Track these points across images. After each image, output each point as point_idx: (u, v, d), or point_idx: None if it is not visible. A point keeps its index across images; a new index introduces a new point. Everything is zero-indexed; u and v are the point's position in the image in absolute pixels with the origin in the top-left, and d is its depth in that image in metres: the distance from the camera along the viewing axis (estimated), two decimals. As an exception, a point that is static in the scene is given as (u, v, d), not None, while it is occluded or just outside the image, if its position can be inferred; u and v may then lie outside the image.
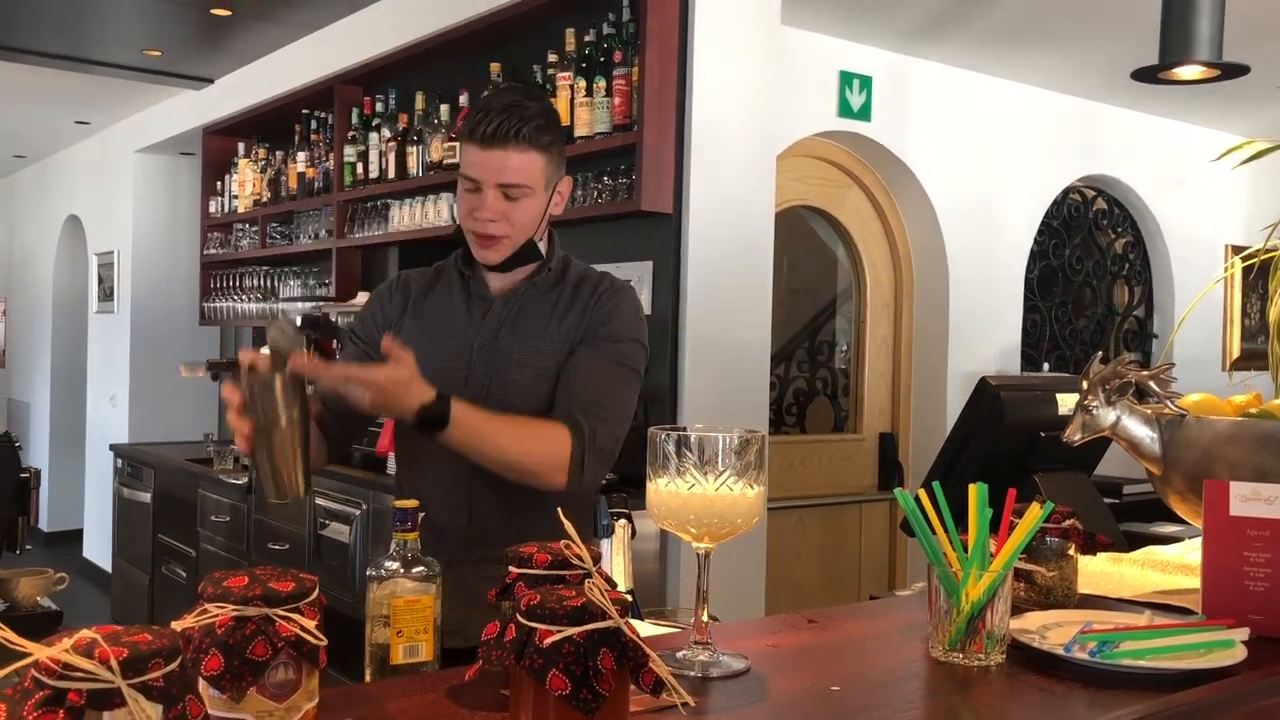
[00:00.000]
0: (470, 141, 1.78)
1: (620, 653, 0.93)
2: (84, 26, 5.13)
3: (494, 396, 1.80)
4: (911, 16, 4.38)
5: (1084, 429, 1.62)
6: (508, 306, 1.87)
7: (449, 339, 1.87)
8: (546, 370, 1.83)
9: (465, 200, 1.82)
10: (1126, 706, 1.13)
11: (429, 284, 1.96)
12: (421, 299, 1.94)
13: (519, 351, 1.84)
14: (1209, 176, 5.94)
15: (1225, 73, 2.40)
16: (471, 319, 1.88)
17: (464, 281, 1.92)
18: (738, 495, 1.18)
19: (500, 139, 1.75)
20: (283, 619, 0.96)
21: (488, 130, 1.75)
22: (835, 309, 5.08)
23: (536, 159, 1.78)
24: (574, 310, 1.87)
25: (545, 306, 1.87)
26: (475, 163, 1.78)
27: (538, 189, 1.80)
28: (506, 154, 1.76)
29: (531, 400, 1.81)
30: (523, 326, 1.86)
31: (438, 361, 1.81)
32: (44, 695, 0.73)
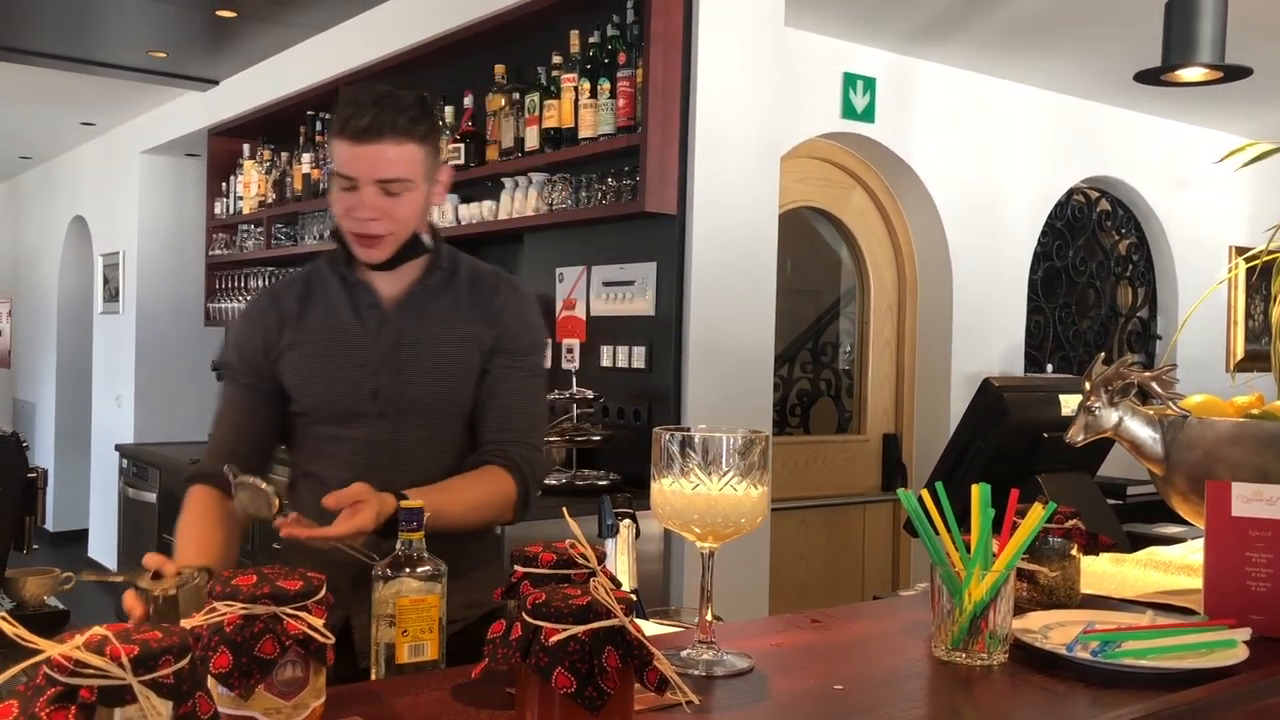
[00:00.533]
0: (343, 138, 1.69)
1: (625, 651, 0.94)
2: (89, 28, 5.14)
3: (404, 404, 1.78)
4: (915, 18, 4.38)
5: (1086, 430, 1.63)
6: (404, 312, 1.81)
7: (348, 352, 1.80)
8: (454, 371, 1.81)
9: (341, 199, 1.73)
10: (1128, 706, 1.13)
11: (303, 295, 1.85)
12: (301, 313, 1.83)
13: (425, 357, 1.79)
14: (1213, 177, 5.94)
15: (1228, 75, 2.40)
16: (367, 328, 1.80)
17: (347, 289, 1.82)
18: (741, 495, 1.18)
19: (375, 133, 1.67)
20: (290, 617, 0.97)
21: (361, 125, 1.67)
22: (839, 310, 5.09)
23: (415, 151, 1.71)
24: (475, 311, 1.84)
25: (443, 308, 1.83)
26: (350, 159, 1.69)
27: (418, 181, 1.73)
28: (382, 148, 1.68)
29: (443, 401, 1.81)
30: (424, 331, 1.81)
31: (339, 376, 1.78)
32: (56, 691, 0.73)
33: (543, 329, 1.95)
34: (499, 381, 1.83)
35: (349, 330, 1.81)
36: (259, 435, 1.85)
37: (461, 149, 3.98)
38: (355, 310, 1.81)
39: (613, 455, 3.49)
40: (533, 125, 3.65)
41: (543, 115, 3.61)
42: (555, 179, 3.68)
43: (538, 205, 3.72)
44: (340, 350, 1.80)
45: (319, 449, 1.83)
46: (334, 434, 1.81)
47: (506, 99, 3.82)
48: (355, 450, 1.79)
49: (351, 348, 1.80)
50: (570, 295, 3.78)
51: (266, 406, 1.84)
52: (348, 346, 1.80)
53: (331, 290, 1.83)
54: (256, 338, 1.83)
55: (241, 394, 1.84)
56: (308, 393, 1.81)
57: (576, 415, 3.44)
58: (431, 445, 1.81)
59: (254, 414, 1.84)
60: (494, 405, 1.83)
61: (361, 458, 1.78)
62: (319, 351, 1.80)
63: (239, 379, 1.84)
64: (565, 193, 3.63)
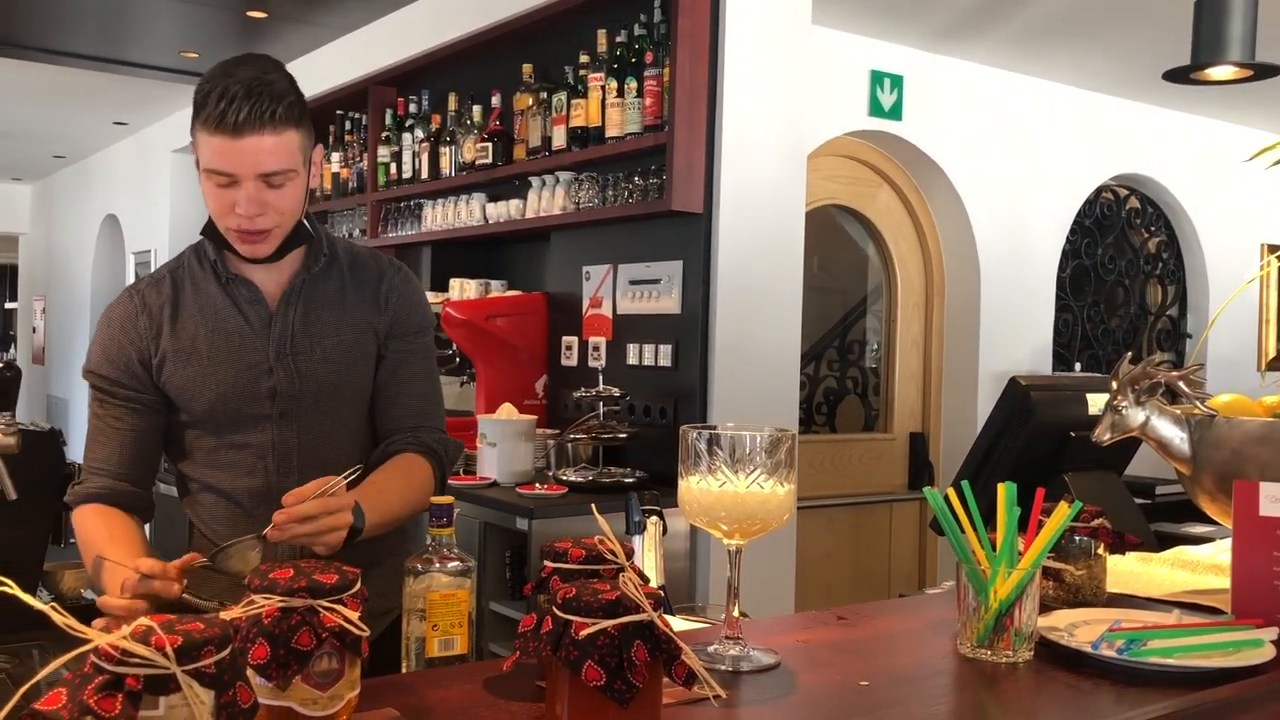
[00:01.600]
0: (218, 132, 1.55)
1: (654, 645, 0.95)
2: (122, 29, 5.21)
3: (305, 398, 1.72)
4: (942, 15, 4.38)
5: (1113, 429, 1.63)
6: (291, 305, 1.72)
7: (239, 353, 1.70)
8: (351, 360, 1.75)
9: (220, 196, 1.60)
10: (1154, 703, 1.14)
11: (173, 297, 1.72)
12: (174, 316, 1.71)
13: (318, 348, 1.73)
14: (1244, 175, 5.89)
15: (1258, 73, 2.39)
16: (254, 326, 1.71)
17: (224, 286, 1.72)
18: (768, 493, 1.19)
19: (254, 125, 1.55)
20: (326, 610, 0.99)
21: (239, 118, 1.54)
22: (866, 308, 5.08)
23: (294, 137, 1.60)
24: (361, 295, 1.78)
25: (329, 295, 1.75)
26: (227, 154, 1.56)
27: (299, 169, 1.63)
28: (262, 139, 1.56)
29: (344, 391, 1.75)
30: (314, 323, 1.73)
31: (234, 378, 1.69)
32: (103, 680, 0.76)
33: (429, 306, 1.90)
34: (398, 366, 1.80)
35: (234, 330, 1.71)
36: (147, 455, 1.73)
37: (489, 148, 4.01)
38: (237, 308, 1.71)
39: (639, 453, 3.51)
40: (560, 124, 3.67)
41: (570, 114, 3.62)
42: (582, 178, 3.70)
43: (565, 204, 3.74)
44: (228, 352, 1.70)
45: (218, 459, 1.73)
46: (233, 441, 1.72)
47: (534, 98, 3.84)
48: (260, 456, 1.72)
49: (240, 348, 1.70)
50: (597, 293, 3.80)
51: (149, 420, 1.71)
52: (236, 348, 1.70)
53: (207, 289, 1.72)
54: (128, 347, 1.69)
55: (121, 412, 1.70)
56: (197, 401, 1.70)
57: (603, 413, 3.46)
58: (338, 439, 1.76)
59: (136, 431, 1.70)
60: (396, 390, 1.80)
61: (269, 462, 1.72)
62: (204, 356, 1.69)
63: (113, 394, 1.70)
64: (592, 191, 3.65)
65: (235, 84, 1.55)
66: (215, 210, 1.63)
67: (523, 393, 3.95)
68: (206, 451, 1.74)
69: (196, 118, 1.58)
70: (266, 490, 1.70)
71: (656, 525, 1.67)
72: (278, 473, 1.71)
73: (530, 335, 4.00)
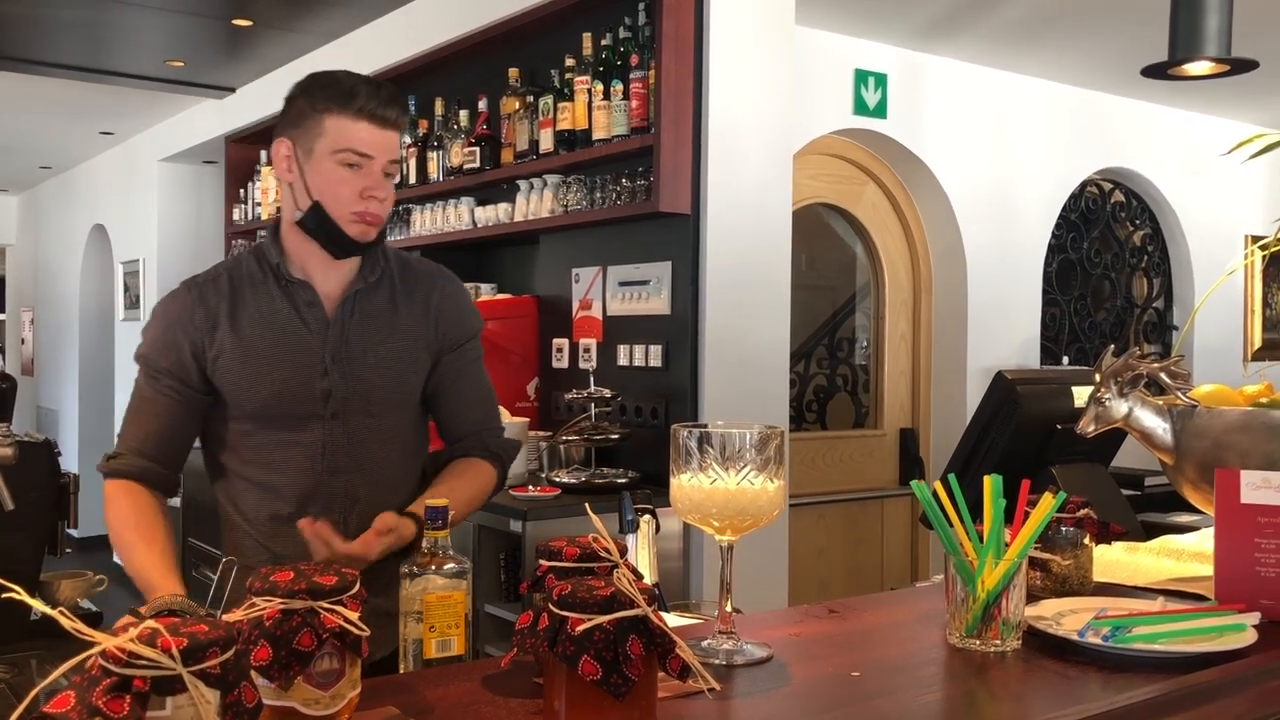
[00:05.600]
0: (368, 119, 1.71)
1: (648, 639, 0.97)
2: (107, 39, 5.21)
3: (355, 401, 1.79)
4: (925, 13, 4.40)
5: (1097, 421, 1.65)
6: (347, 309, 1.80)
7: (296, 353, 1.77)
8: (401, 366, 1.83)
9: (351, 180, 1.72)
10: (1140, 688, 1.16)
11: (231, 295, 1.79)
12: (235, 313, 1.78)
13: (373, 354, 1.80)
14: (1227, 166, 5.93)
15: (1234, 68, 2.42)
16: (311, 328, 1.78)
17: (284, 287, 1.79)
18: (759, 489, 1.22)
19: (395, 121, 1.74)
20: (327, 611, 1.00)
21: (392, 115, 1.73)
22: (854, 305, 5.11)
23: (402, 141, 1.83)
24: (413, 305, 1.86)
25: (382, 303, 1.84)
26: (371, 139, 1.72)
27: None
28: (395, 134, 1.75)
29: (393, 396, 1.83)
30: (370, 328, 1.81)
31: (288, 379, 1.75)
32: (111, 682, 0.77)
33: (477, 311, 2.00)
34: (457, 376, 1.89)
35: (292, 330, 1.77)
36: (182, 441, 1.81)
37: (477, 152, 4.02)
38: (296, 309, 1.78)
39: (631, 453, 3.53)
40: (547, 127, 3.69)
41: (557, 117, 3.64)
42: (570, 180, 3.72)
43: (553, 207, 3.76)
44: (285, 352, 1.76)
45: (268, 456, 1.79)
46: (284, 439, 1.78)
47: (521, 102, 3.86)
48: (310, 454, 1.78)
49: (297, 349, 1.77)
50: (586, 295, 3.82)
51: (188, 412, 1.79)
52: (293, 348, 1.77)
53: (266, 290, 1.79)
54: (182, 339, 1.76)
55: (164, 398, 1.77)
56: (252, 397, 1.76)
57: (594, 414, 3.48)
58: (384, 441, 1.83)
59: (174, 418, 1.78)
60: (455, 397, 1.90)
61: (319, 461, 1.78)
62: (261, 354, 1.76)
63: (159, 380, 1.77)
64: (580, 194, 3.67)
65: (383, 86, 1.74)
66: (338, 194, 1.72)
67: (514, 396, 3.96)
68: (255, 448, 1.79)
69: (334, 104, 1.70)
70: (314, 488, 1.78)
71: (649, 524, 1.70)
72: (326, 471, 1.78)
73: (521, 338, 4.02)
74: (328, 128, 1.71)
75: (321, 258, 1.78)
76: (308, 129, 1.73)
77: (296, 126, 1.74)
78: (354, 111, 1.71)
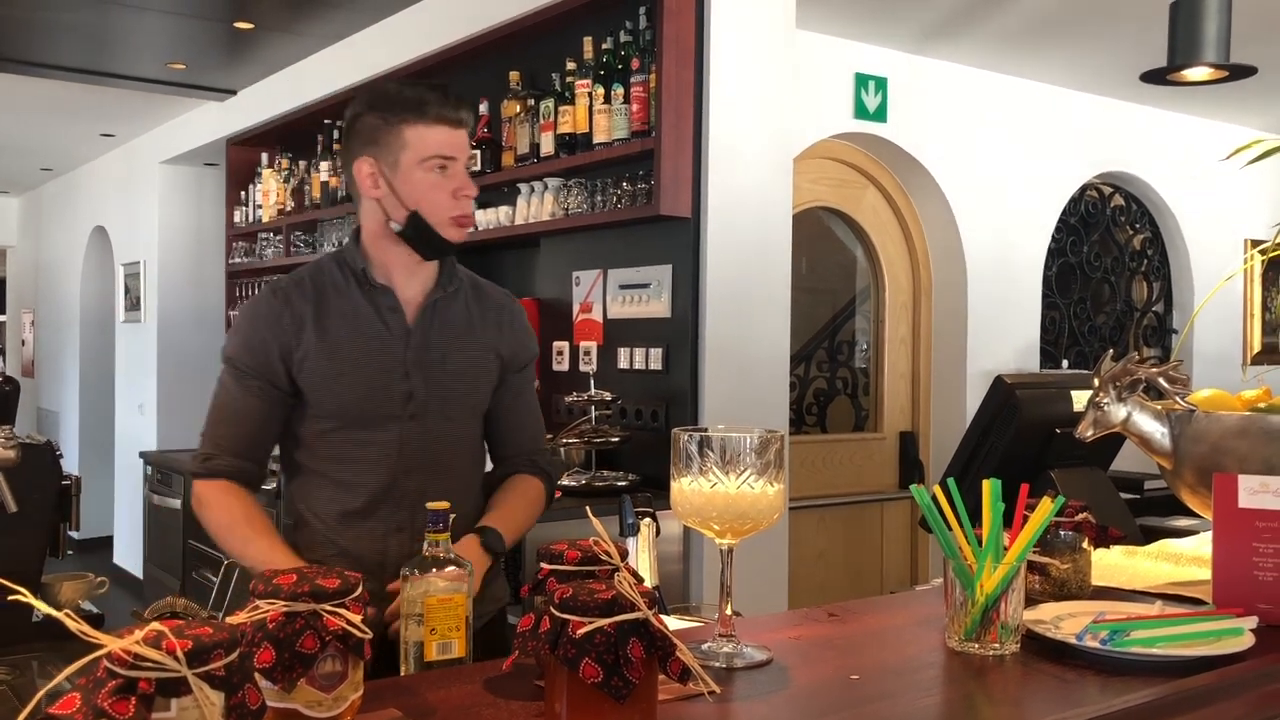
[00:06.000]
0: (444, 123, 1.79)
1: (649, 642, 0.98)
2: (108, 41, 5.21)
3: (433, 404, 1.85)
4: (925, 17, 4.41)
5: (1096, 425, 1.66)
6: (427, 316, 1.87)
7: (379, 355, 1.83)
8: (477, 377, 1.91)
9: (442, 183, 1.80)
10: (1137, 691, 1.17)
11: (316, 299, 1.85)
12: (320, 315, 1.84)
13: (451, 361, 1.87)
14: (1227, 171, 5.94)
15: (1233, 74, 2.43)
16: (393, 332, 1.85)
17: (367, 293, 1.85)
18: (759, 493, 1.22)
19: (465, 121, 1.82)
20: (329, 614, 1.01)
21: (459, 115, 1.81)
22: (854, 309, 5.12)
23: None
24: (489, 321, 1.94)
25: (459, 314, 1.91)
26: (451, 141, 1.80)
27: None
28: (465, 134, 1.83)
29: (467, 402, 1.91)
30: (448, 336, 1.88)
31: (372, 381, 1.82)
32: (117, 684, 0.78)
33: (535, 337, 2.10)
34: (515, 396, 1.99)
35: (374, 335, 1.84)
36: (268, 439, 1.88)
37: (477, 155, 4.03)
38: (378, 313, 1.85)
39: (631, 456, 3.53)
40: (548, 131, 3.69)
41: (557, 121, 3.65)
42: (570, 184, 3.73)
43: (553, 210, 3.77)
44: (369, 355, 1.82)
45: (345, 454, 1.84)
46: (363, 438, 1.83)
47: (521, 105, 3.87)
48: (387, 453, 1.83)
49: (381, 352, 1.83)
50: (587, 298, 3.83)
51: (274, 412, 1.85)
52: (377, 351, 1.83)
53: (350, 295, 1.85)
54: (270, 341, 1.82)
55: (252, 399, 1.83)
56: (335, 397, 1.81)
57: (595, 417, 3.48)
58: (456, 445, 1.90)
59: (263, 416, 1.84)
60: (512, 417, 1.99)
61: (395, 460, 1.84)
62: (346, 356, 1.82)
63: (247, 381, 1.83)
64: (580, 197, 3.68)
65: (444, 90, 1.81)
66: (434, 200, 1.80)
67: (515, 398, 3.96)
68: (333, 446, 1.85)
69: (412, 116, 1.78)
70: (388, 486, 1.84)
71: (650, 527, 1.70)
72: (401, 471, 1.84)
73: (521, 341, 4.01)
74: (409, 139, 1.78)
75: (405, 264, 1.86)
76: (388, 144, 1.79)
77: (375, 144, 1.80)
78: (431, 119, 1.78)
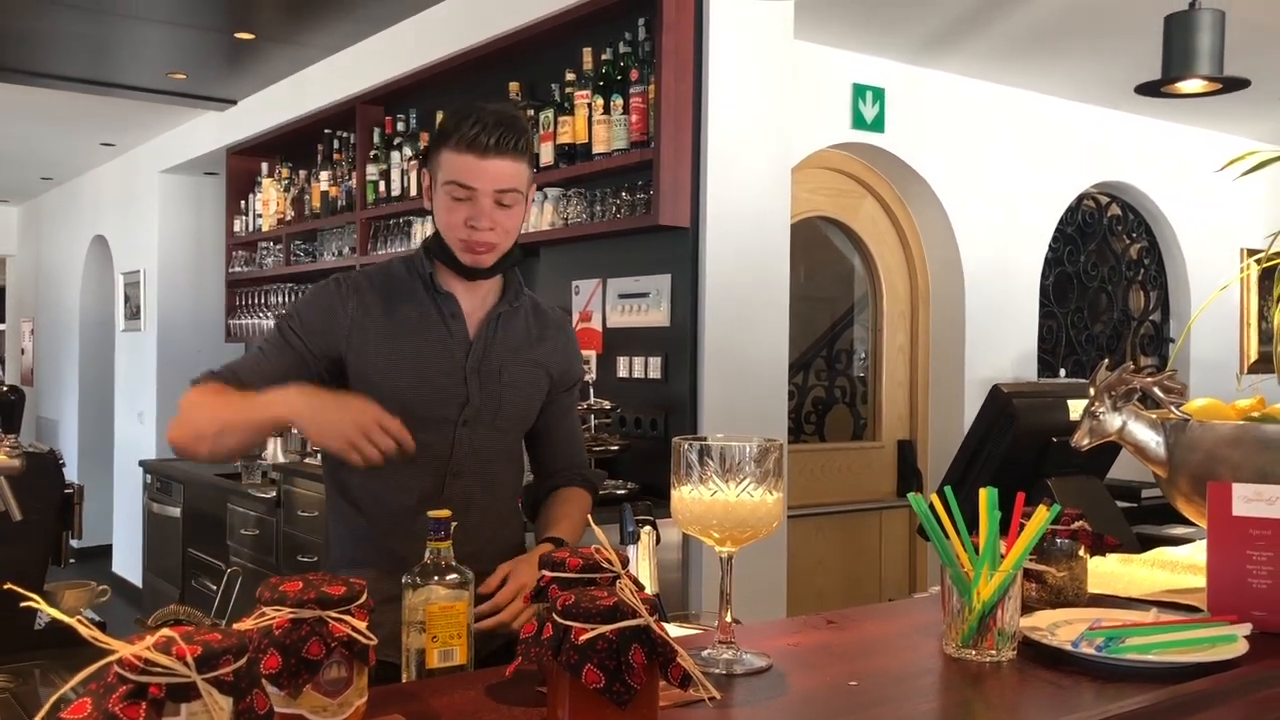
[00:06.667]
0: (468, 151, 1.79)
1: (650, 648, 0.99)
2: (110, 51, 5.24)
3: (486, 413, 1.88)
4: (922, 29, 4.44)
5: (1091, 434, 1.68)
6: (489, 327, 1.90)
7: (440, 358, 1.86)
8: (529, 390, 1.95)
9: (457, 209, 1.82)
10: (1132, 697, 1.18)
11: (384, 292, 1.89)
12: (388, 310, 1.88)
13: (508, 373, 1.90)
14: (1223, 180, 5.96)
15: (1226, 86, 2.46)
16: (454, 338, 1.88)
17: (433, 296, 1.89)
18: (758, 501, 1.24)
19: (499, 150, 1.79)
20: (335, 620, 1.02)
21: (490, 141, 1.79)
22: (853, 317, 5.14)
23: (525, 169, 1.84)
24: (545, 340, 1.98)
25: (519, 329, 1.95)
26: (472, 171, 1.80)
27: (523, 196, 1.86)
28: (503, 163, 1.80)
29: (519, 415, 1.94)
30: (508, 349, 1.91)
31: (433, 379, 1.84)
32: (127, 689, 0.79)
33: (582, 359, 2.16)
34: (565, 414, 2.05)
35: (437, 338, 1.87)
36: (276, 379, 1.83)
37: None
38: (441, 318, 1.88)
39: (631, 465, 3.55)
40: (547, 141, 3.72)
41: (557, 131, 3.67)
42: (570, 194, 3.75)
43: (553, 220, 3.79)
44: (432, 354, 1.85)
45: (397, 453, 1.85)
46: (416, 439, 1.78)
47: (521, 116, 3.89)
48: (439, 456, 1.85)
49: (441, 354, 1.86)
50: (586, 307, 3.84)
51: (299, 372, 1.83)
52: (437, 353, 1.86)
53: (415, 294, 1.89)
54: (329, 315, 1.85)
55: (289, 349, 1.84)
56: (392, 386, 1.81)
57: (594, 426, 3.50)
58: (503, 454, 1.94)
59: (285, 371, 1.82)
60: (562, 434, 2.05)
61: (445, 464, 1.86)
62: (408, 350, 1.85)
63: (290, 338, 1.85)
64: (580, 207, 3.70)
65: (488, 115, 1.80)
66: (448, 223, 1.83)
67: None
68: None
69: (445, 141, 1.81)
70: (436, 489, 1.85)
71: (649, 535, 1.72)
72: (450, 474, 1.86)
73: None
74: (442, 161, 1.82)
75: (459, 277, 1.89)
76: (434, 162, 1.85)
77: (430, 160, 1.86)
78: (454, 144, 1.80)
